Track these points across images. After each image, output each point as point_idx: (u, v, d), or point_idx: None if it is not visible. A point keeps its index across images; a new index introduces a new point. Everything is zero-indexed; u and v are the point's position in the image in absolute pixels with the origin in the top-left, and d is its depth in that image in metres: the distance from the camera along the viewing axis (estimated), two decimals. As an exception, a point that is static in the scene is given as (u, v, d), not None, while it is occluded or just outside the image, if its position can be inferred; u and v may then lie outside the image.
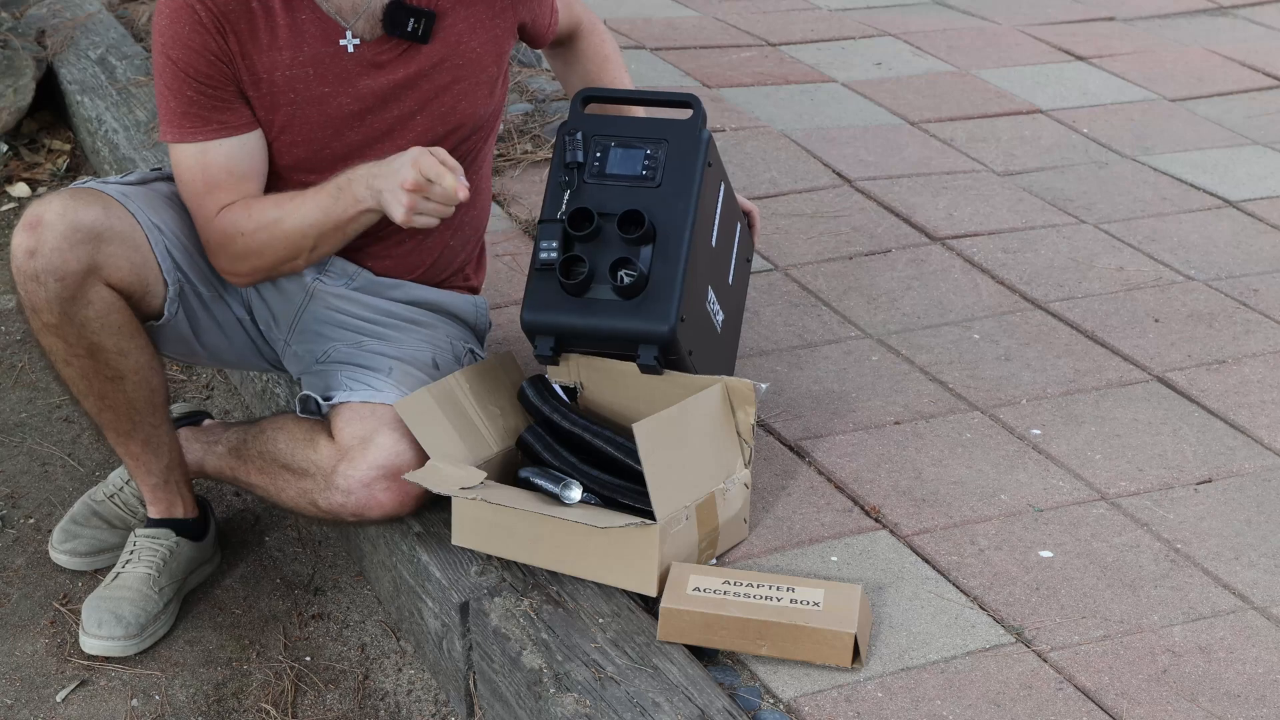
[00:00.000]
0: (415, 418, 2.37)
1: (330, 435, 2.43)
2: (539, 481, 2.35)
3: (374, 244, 2.59)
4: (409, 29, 2.42)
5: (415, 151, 2.33)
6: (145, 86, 4.15)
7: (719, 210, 2.55)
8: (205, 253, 2.49)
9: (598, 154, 2.48)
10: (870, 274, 3.33)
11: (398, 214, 2.32)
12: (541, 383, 2.49)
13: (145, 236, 2.42)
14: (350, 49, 2.42)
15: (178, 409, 2.90)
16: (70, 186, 2.45)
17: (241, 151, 2.44)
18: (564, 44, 2.78)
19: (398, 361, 2.52)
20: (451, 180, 2.28)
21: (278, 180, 2.50)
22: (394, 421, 2.40)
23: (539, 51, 3.20)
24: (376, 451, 2.38)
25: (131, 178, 2.52)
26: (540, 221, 2.46)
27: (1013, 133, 4.11)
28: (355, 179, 2.39)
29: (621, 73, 2.81)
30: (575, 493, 2.32)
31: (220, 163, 2.42)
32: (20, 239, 2.34)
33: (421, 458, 2.39)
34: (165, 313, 2.47)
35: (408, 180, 2.30)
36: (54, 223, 2.33)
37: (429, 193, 2.31)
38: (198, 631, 2.63)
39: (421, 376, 2.51)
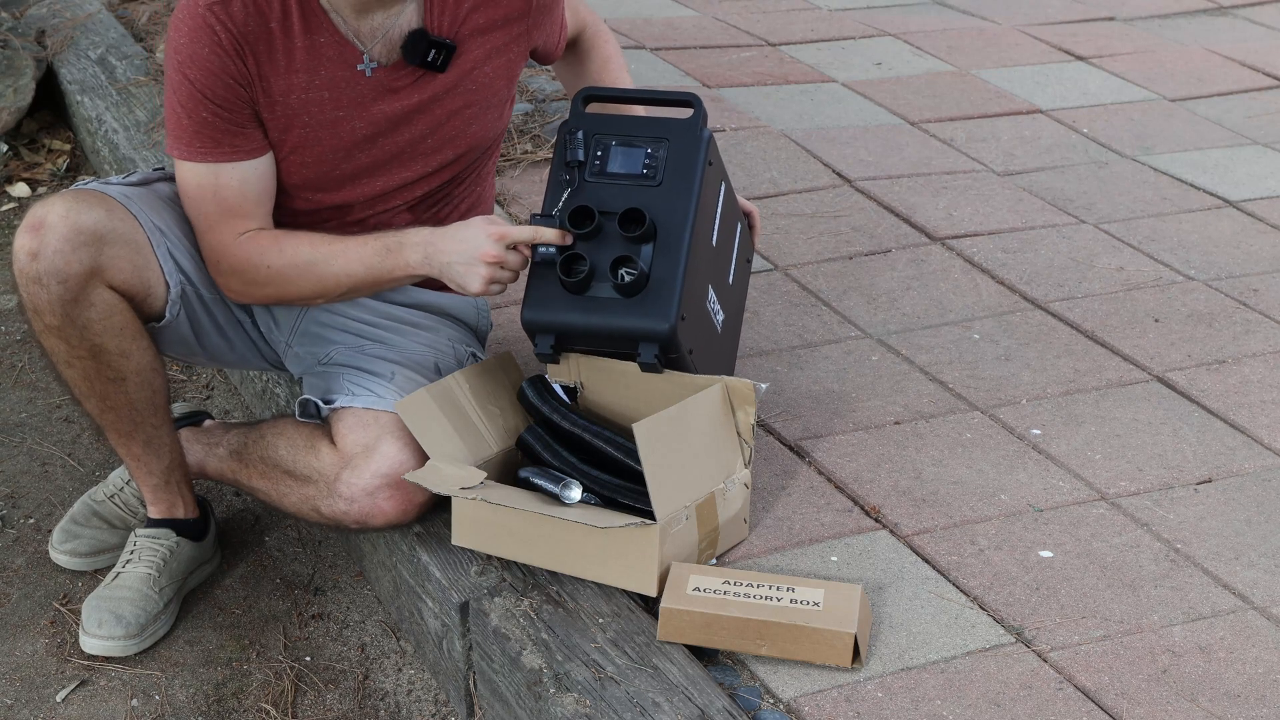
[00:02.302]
0: (415, 418, 2.37)
1: (331, 441, 2.43)
2: (538, 481, 2.35)
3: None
4: (429, 59, 2.42)
5: (483, 225, 2.37)
6: (145, 86, 4.15)
7: (719, 209, 2.55)
8: (209, 268, 2.49)
9: (598, 152, 2.48)
10: (870, 274, 3.33)
11: (475, 286, 2.37)
12: (541, 383, 2.49)
13: (147, 238, 2.42)
14: (368, 73, 2.42)
15: (178, 409, 2.90)
16: (72, 188, 2.44)
17: (254, 175, 2.43)
18: (568, 48, 2.79)
19: (399, 366, 2.52)
20: (524, 254, 2.38)
21: (284, 197, 2.50)
22: (397, 429, 2.40)
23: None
24: (380, 460, 2.38)
25: (133, 178, 2.51)
26: (540, 218, 2.46)
27: (1013, 133, 4.11)
28: (408, 245, 2.40)
29: (623, 73, 2.81)
30: (575, 492, 2.32)
31: (234, 186, 2.41)
32: (23, 241, 2.34)
33: (424, 464, 2.39)
34: (167, 314, 2.47)
35: (489, 254, 2.34)
36: (56, 225, 2.33)
37: (506, 262, 2.36)
38: (198, 631, 2.63)
39: (422, 381, 2.50)
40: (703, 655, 2.23)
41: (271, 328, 2.63)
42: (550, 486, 2.33)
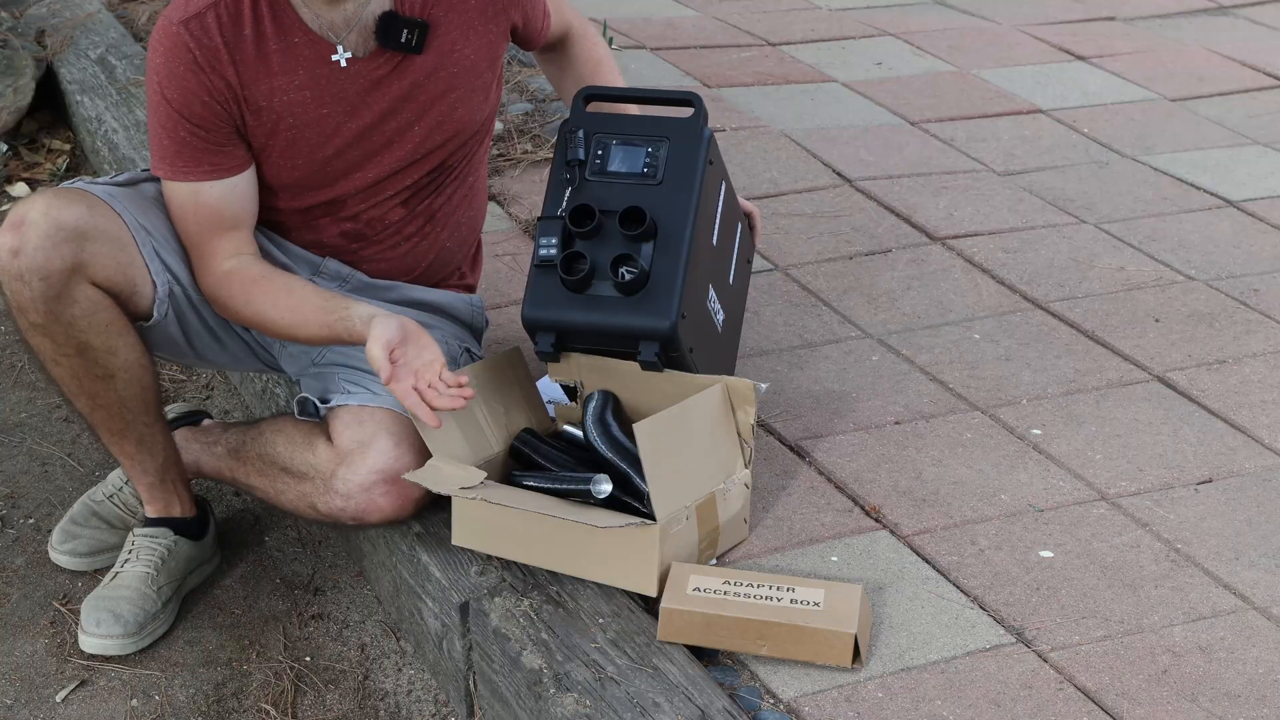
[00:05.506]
0: (418, 414, 2.37)
1: (329, 439, 2.43)
2: (560, 485, 2.34)
3: (369, 247, 2.59)
4: (402, 40, 2.42)
5: (430, 354, 2.32)
6: (144, 86, 4.15)
7: (720, 209, 2.55)
8: (196, 280, 2.50)
9: (599, 151, 2.48)
10: (870, 274, 3.33)
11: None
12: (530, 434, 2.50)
13: (131, 236, 2.42)
14: (342, 63, 2.42)
15: (176, 409, 2.90)
16: (56, 186, 2.44)
17: (232, 194, 2.44)
18: (555, 49, 2.78)
19: (394, 363, 2.52)
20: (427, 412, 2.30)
21: (275, 198, 2.50)
22: (392, 426, 2.40)
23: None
24: (375, 456, 2.38)
25: (119, 179, 2.51)
26: (540, 218, 2.46)
27: (1013, 133, 4.11)
28: (353, 316, 2.37)
29: (615, 75, 2.81)
30: (606, 486, 2.30)
31: (212, 204, 2.43)
32: (4, 239, 2.34)
33: (420, 461, 2.39)
34: (154, 313, 2.46)
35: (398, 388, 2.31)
36: (37, 221, 2.33)
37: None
38: (198, 631, 2.63)
39: (418, 378, 2.50)
40: (703, 655, 2.23)
41: (264, 327, 2.63)
42: (576, 486, 2.32)
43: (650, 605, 2.29)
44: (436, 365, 2.31)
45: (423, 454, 2.39)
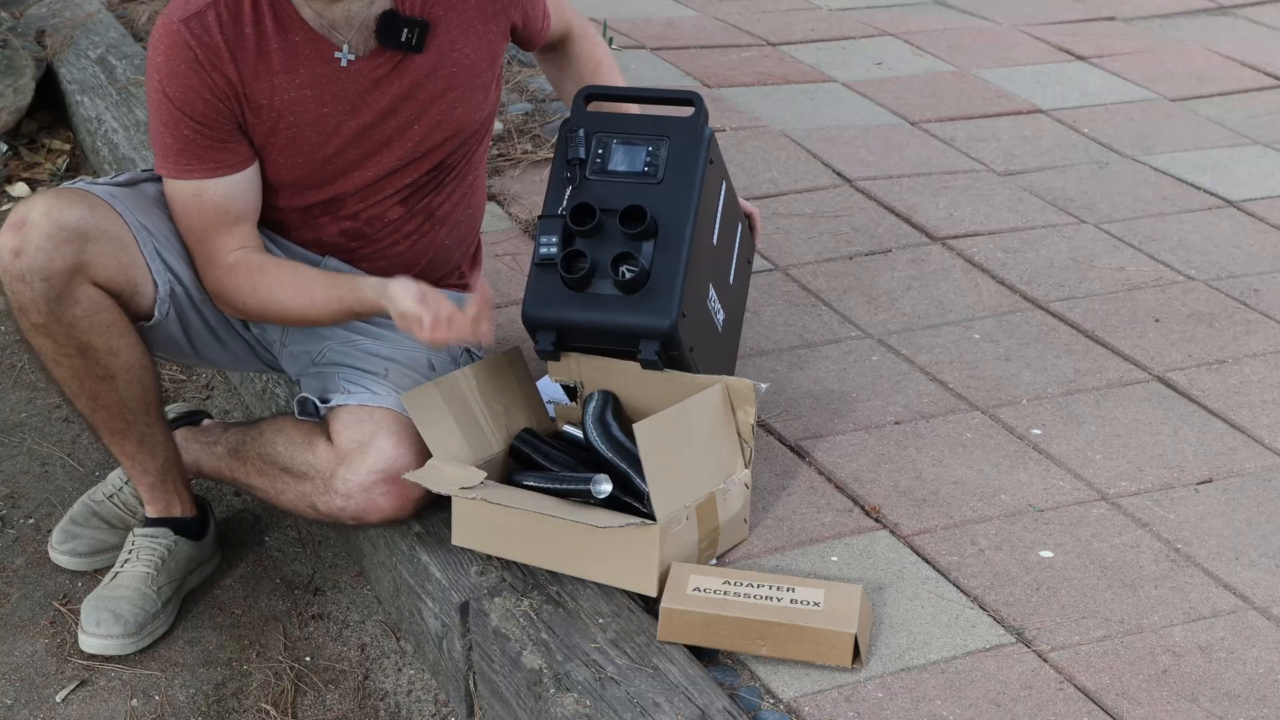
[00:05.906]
0: (420, 411, 2.37)
1: (329, 438, 2.43)
2: (560, 485, 2.35)
3: (369, 246, 2.59)
4: (403, 39, 2.42)
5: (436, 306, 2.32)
6: (144, 86, 4.15)
7: (720, 208, 2.55)
8: (200, 277, 2.50)
9: (600, 150, 2.48)
10: (870, 274, 3.33)
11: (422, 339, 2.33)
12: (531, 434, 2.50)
13: (133, 236, 2.42)
14: (344, 63, 2.42)
15: (176, 409, 2.90)
16: (57, 187, 2.44)
17: (236, 190, 2.44)
18: (555, 49, 2.78)
19: (393, 363, 2.52)
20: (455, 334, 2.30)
21: (275, 196, 2.50)
22: (392, 425, 2.40)
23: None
24: (375, 456, 2.38)
25: (120, 179, 2.51)
26: (541, 217, 2.46)
27: (1013, 133, 4.11)
28: (362, 285, 2.39)
29: (615, 75, 2.81)
30: (606, 486, 2.31)
31: (216, 201, 2.43)
32: (5, 239, 2.34)
33: (420, 461, 2.39)
34: (155, 313, 2.46)
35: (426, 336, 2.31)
36: (39, 222, 2.33)
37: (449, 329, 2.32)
38: (198, 631, 2.63)
39: (417, 377, 2.50)
40: (703, 655, 2.23)
41: (265, 326, 2.63)
42: (576, 486, 2.33)
43: (650, 605, 2.29)
44: (456, 314, 2.32)
45: (423, 454, 2.39)
